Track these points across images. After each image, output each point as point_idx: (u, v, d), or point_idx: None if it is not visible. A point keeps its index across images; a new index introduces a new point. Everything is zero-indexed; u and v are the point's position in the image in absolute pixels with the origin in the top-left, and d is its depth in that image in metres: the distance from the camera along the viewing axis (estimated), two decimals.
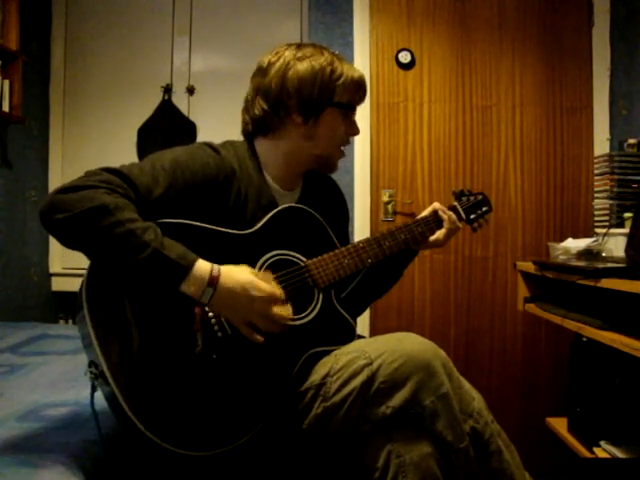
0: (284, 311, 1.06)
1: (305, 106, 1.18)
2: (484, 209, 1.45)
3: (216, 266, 1.00)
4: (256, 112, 1.20)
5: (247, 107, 1.24)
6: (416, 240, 1.32)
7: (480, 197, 1.46)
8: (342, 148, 1.27)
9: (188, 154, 1.11)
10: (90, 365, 0.96)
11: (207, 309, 1.02)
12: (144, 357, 0.96)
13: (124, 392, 0.92)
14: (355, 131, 1.27)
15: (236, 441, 0.99)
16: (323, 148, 1.23)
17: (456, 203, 1.42)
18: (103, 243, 0.95)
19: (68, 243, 0.98)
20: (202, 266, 0.99)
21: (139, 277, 0.96)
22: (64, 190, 0.97)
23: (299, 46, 1.22)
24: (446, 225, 1.35)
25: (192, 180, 1.08)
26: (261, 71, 1.21)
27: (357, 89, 1.23)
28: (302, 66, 1.17)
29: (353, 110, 1.25)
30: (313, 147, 1.22)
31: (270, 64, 1.20)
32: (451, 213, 1.37)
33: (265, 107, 1.19)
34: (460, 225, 1.39)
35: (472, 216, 1.43)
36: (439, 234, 1.36)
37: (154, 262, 0.95)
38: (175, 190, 1.06)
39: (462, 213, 1.41)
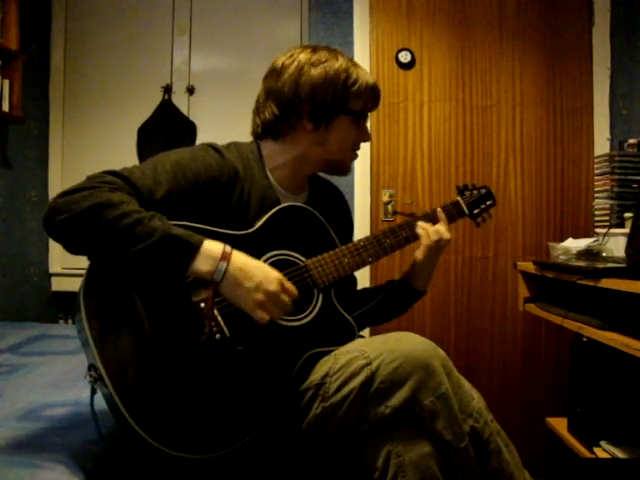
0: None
1: (317, 113, 1.17)
2: (488, 203, 1.42)
3: (228, 245, 1.01)
4: (267, 115, 1.20)
5: (258, 109, 1.23)
6: (417, 237, 1.31)
7: (484, 191, 1.43)
8: (355, 151, 1.27)
9: (190, 156, 1.11)
10: (90, 368, 0.96)
11: (219, 292, 1.00)
12: (143, 360, 0.95)
13: (123, 396, 0.91)
14: (366, 138, 1.26)
15: (236, 443, 0.99)
16: (334, 153, 1.22)
17: (459, 198, 1.40)
18: (110, 236, 0.94)
19: (73, 244, 0.97)
20: (213, 244, 1.00)
21: (148, 265, 0.96)
22: (65, 193, 0.97)
23: (314, 50, 1.20)
24: (423, 241, 1.28)
25: (194, 182, 1.08)
26: (274, 73, 1.20)
27: (371, 96, 1.21)
28: (316, 72, 1.16)
29: (365, 117, 1.23)
30: (324, 152, 1.22)
31: (284, 67, 1.18)
32: (429, 226, 1.28)
33: (276, 112, 1.18)
34: (446, 237, 1.28)
35: (475, 211, 1.40)
36: (417, 252, 1.31)
37: (164, 244, 0.95)
38: (177, 192, 1.06)
39: (465, 208, 1.38)
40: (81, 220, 0.94)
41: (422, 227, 1.29)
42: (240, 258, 1.01)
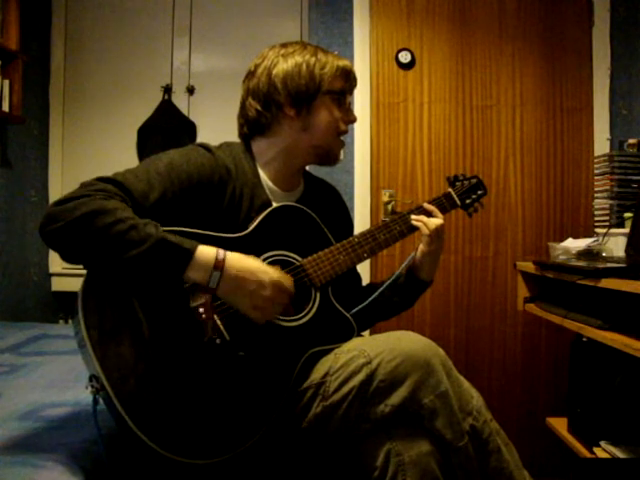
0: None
1: (295, 98, 1.19)
2: (479, 192, 1.43)
3: (221, 250, 1.01)
4: (249, 113, 1.23)
5: (241, 111, 1.26)
6: (412, 230, 1.30)
7: (474, 180, 1.43)
8: (341, 138, 1.28)
9: (182, 156, 1.12)
10: (91, 379, 0.95)
11: (217, 297, 1.01)
12: (145, 368, 0.95)
13: (127, 407, 0.91)
14: (352, 118, 1.28)
15: (241, 446, 0.99)
16: (320, 138, 1.24)
17: (450, 190, 1.40)
18: (104, 242, 0.94)
19: (68, 252, 0.98)
20: (206, 250, 1.00)
21: (143, 272, 0.96)
22: (60, 202, 0.97)
23: (283, 45, 1.24)
24: (424, 232, 1.28)
25: (188, 182, 1.09)
26: (249, 74, 1.25)
27: (345, 76, 1.24)
28: (286, 62, 1.20)
29: (345, 96, 1.26)
30: (310, 138, 1.23)
31: (257, 66, 1.23)
32: (424, 217, 1.29)
33: (258, 107, 1.21)
34: (440, 223, 1.29)
35: (467, 201, 1.41)
36: (420, 244, 1.31)
37: (158, 251, 0.95)
38: (171, 193, 1.07)
39: (457, 199, 1.38)
40: (75, 228, 0.94)
41: (417, 219, 1.30)
42: (234, 264, 1.01)
